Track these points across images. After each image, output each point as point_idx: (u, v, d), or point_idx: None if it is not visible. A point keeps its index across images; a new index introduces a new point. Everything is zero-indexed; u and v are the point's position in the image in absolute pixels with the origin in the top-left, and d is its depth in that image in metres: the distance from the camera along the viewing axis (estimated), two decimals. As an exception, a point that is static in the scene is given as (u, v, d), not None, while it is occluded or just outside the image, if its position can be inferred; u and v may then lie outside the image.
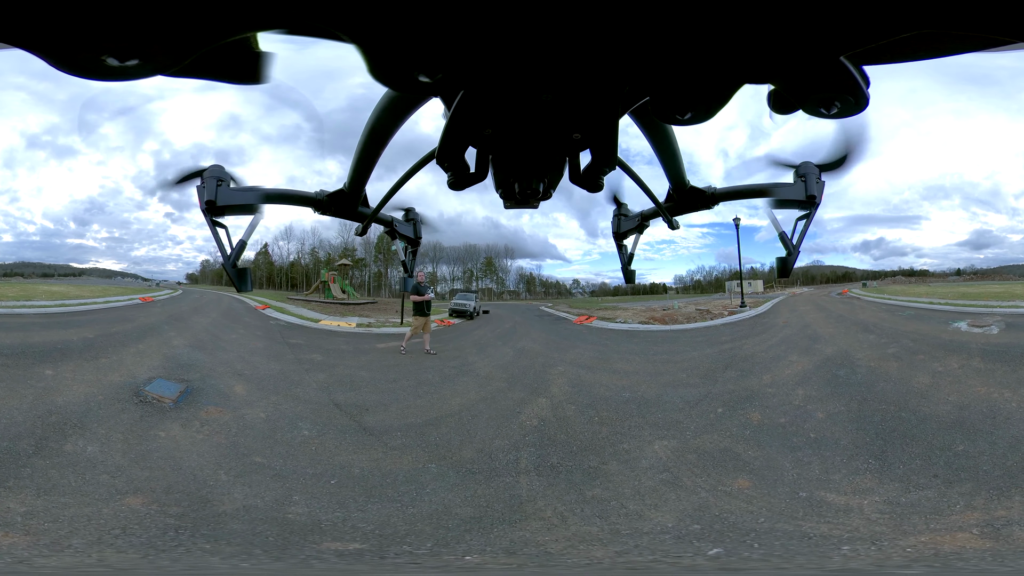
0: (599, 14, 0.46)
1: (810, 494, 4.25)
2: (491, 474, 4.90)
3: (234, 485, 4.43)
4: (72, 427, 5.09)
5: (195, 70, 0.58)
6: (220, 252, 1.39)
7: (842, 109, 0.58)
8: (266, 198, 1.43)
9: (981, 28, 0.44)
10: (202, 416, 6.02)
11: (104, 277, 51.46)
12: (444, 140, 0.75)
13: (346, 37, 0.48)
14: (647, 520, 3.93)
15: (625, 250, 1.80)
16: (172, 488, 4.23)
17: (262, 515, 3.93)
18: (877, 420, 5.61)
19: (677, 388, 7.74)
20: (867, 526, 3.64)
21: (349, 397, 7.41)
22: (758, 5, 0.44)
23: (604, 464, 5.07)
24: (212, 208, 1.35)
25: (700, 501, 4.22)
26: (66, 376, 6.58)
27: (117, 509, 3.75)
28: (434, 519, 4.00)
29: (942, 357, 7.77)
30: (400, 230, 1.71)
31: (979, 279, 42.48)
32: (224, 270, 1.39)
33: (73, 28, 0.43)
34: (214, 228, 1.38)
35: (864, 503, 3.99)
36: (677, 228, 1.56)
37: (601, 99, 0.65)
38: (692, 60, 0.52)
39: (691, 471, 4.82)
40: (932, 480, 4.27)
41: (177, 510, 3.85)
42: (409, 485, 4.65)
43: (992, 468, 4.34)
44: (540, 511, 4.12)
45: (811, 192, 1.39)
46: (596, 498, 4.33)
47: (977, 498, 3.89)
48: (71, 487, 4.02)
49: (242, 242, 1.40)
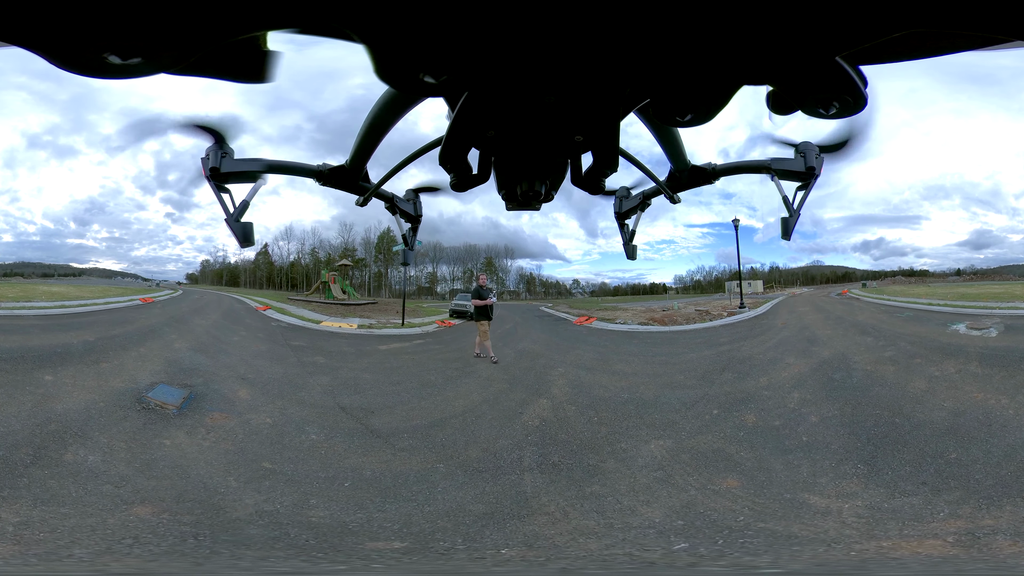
0: (602, 17, 0.47)
1: (794, 496, 4.31)
2: (497, 472, 5.01)
3: (245, 491, 4.46)
4: (72, 435, 5.04)
5: (199, 68, 0.57)
6: (223, 210, 1.40)
7: (840, 109, 0.59)
8: (269, 168, 1.44)
9: (973, 27, 0.44)
10: (207, 422, 6.00)
11: (104, 277, 51.46)
12: (447, 141, 0.76)
13: (355, 36, 0.48)
14: (638, 515, 4.06)
15: (627, 228, 1.78)
16: (183, 496, 4.23)
17: (284, 519, 4.00)
18: (870, 425, 5.62)
19: (674, 390, 7.82)
20: (837, 529, 3.69)
21: (354, 400, 7.46)
22: (754, 7, 0.45)
23: (602, 462, 5.19)
24: (216, 174, 1.39)
25: (688, 498, 4.34)
26: (66, 382, 6.54)
27: (124, 519, 3.73)
28: (452, 516, 4.12)
29: (939, 361, 7.74)
30: (401, 206, 1.70)
31: (979, 279, 42.52)
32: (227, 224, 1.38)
33: (74, 26, 0.43)
34: (218, 192, 1.40)
35: (844, 507, 4.03)
36: (679, 202, 1.55)
37: (603, 101, 0.66)
38: (692, 62, 0.53)
39: (684, 470, 4.94)
40: (920, 487, 4.27)
41: (190, 518, 3.86)
42: (422, 485, 4.75)
43: (985, 477, 4.29)
44: (544, 506, 4.26)
45: (810, 165, 1.42)
46: (594, 494, 4.47)
47: (964, 507, 3.88)
48: (71, 497, 3.97)
49: (245, 202, 1.41)
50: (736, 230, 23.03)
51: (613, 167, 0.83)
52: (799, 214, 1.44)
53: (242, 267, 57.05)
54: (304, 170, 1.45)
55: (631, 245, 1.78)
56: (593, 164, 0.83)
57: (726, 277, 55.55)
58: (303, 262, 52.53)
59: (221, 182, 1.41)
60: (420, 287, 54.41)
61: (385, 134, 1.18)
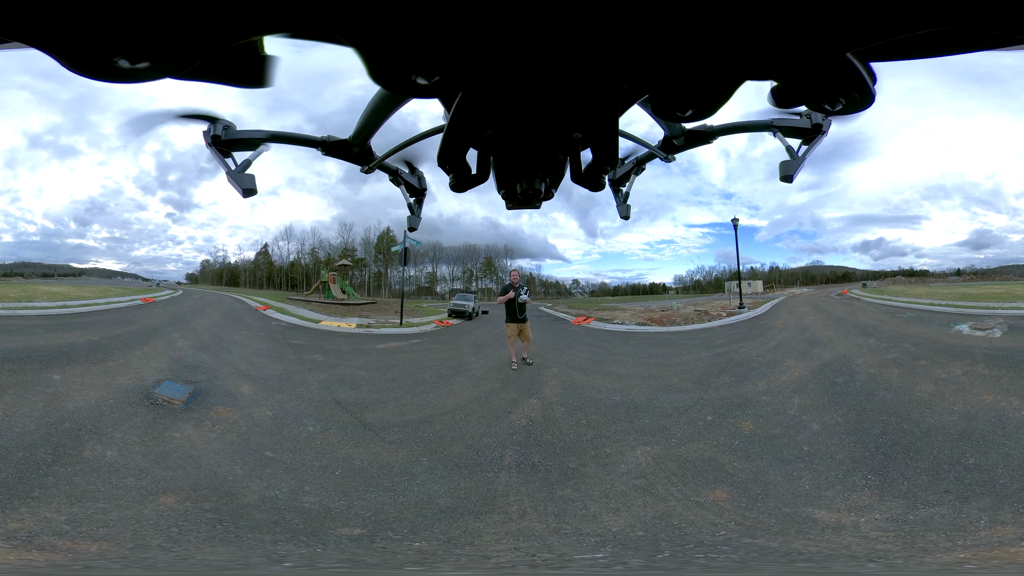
0: (596, 12, 0.46)
1: (795, 510, 4.08)
2: (475, 469, 5.05)
3: (251, 479, 4.62)
4: (87, 432, 5.13)
5: (202, 73, 0.58)
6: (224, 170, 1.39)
7: (847, 106, 0.58)
8: (271, 137, 1.44)
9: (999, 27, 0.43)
10: (212, 416, 6.16)
11: (104, 277, 51.53)
12: (445, 142, 0.75)
13: (344, 41, 0.48)
14: (597, 522, 3.93)
15: (621, 192, 1.74)
16: (199, 485, 4.36)
17: (283, 504, 4.14)
18: (877, 432, 5.37)
19: (668, 393, 7.68)
20: (862, 544, 3.47)
21: (350, 395, 7.58)
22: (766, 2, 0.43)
23: (583, 466, 5.10)
24: (217, 141, 1.40)
25: (665, 509, 4.15)
26: (74, 380, 6.63)
27: (157, 509, 3.83)
28: (417, 508, 4.20)
29: (945, 363, 7.53)
30: (406, 179, 1.69)
31: (979, 279, 42.44)
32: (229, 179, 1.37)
33: (87, 30, 0.44)
34: (220, 157, 1.40)
35: (860, 520, 3.79)
36: (673, 160, 1.49)
37: (600, 98, 0.64)
38: (693, 57, 0.51)
39: (667, 479, 4.77)
40: (943, 496, 4.04)
41: (209, 505, 3.98)
42: (402, 476, 4.86)
43: (1010, 481, 4.11)
44: (507, 505, 4.25)
45: (816, 123, 1.35)
46: (563, 497, 4.39)
47: (1002, 512, 3.69)
48: (101, 492, 4.04)
49: (247, 161, 1.41)
50: (736, 230, 23.03)
51: (613, 163, 0.81)
52: (803, 159, 1.35)
53: (242, 267, 57.19)
54: (306, 140, 1.45)
55: (625, 206, 1.73)
56: (593, 161, 0.82)
57: (726, 277, 55.55)
58: (303, 262, 52.64)
59: (223, 148, 1.41)
60: (420, 287, 54.49)
61: (391, 114, 1.17)
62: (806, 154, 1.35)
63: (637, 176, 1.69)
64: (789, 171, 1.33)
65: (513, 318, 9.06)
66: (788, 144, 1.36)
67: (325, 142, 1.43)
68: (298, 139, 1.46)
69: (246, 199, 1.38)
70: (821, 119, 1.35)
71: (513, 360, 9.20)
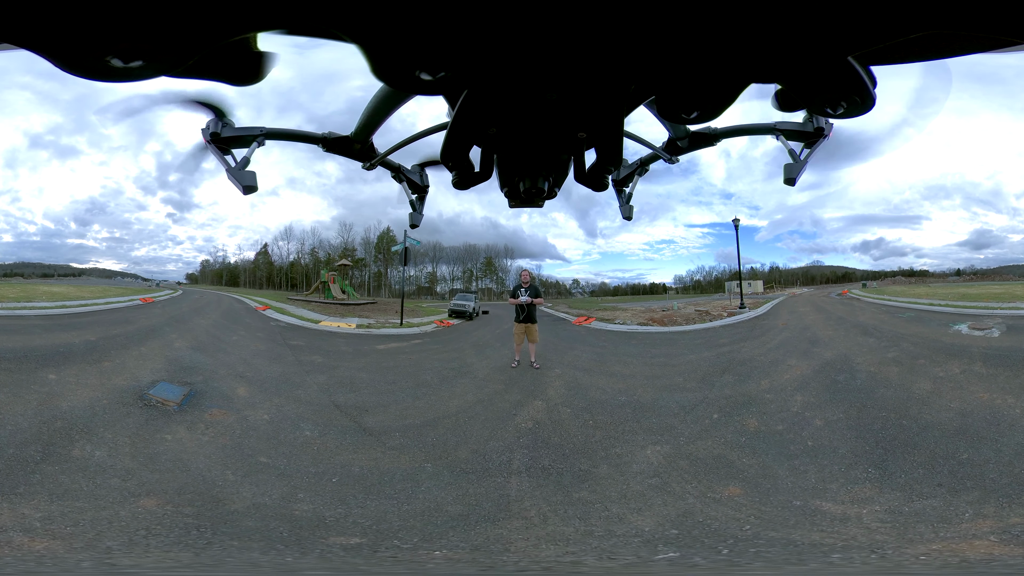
0: (604, 12, 0.45)
1: (805, 503, 4.19)
2: (484, 474, 4.97)
3: (242, 484, 4.52)
4: (79, 432, 5.11)
5: (197, 71, 0.58)
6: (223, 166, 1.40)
7: (848, 109, 0.59)
8: (270, 134, 1.44)
9: (991, 29, 0.44)
10: (207, 419, 6.08)
11: (104, 277, 51.49)
12: (448, 139, 0.74)
13: (346, 37, 0.47)
14: (626, 523, 3.94)
15: (624, 193, 1.76)
16: (184, 489, 4.28)
17: (272, 512, 4.03)
18: (877, 428, 5.57)
19: (673, 392, 7.73)
20: (867, 535, 3.58)
21: (349, 398, 7.49)
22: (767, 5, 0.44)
23: (595, 467, 5.09)
24: (216, 139, 1.41)
25: (686, 507, 4.21)
26: (69, 380, 6.61)
27: (134, 511, 3.79)
28: (424, 515, 4.08)
29: (943, 362, 7.69)
30: (408, 175, 1.69)
31: (979, 279, 42.47)
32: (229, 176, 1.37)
33: (78, 30, 0.44)
34: (219, 154, 1.41)
35: (863, 512, 3.93)
36: (677, 162, 1.53)
37: (606, 98, 0.64)
38: (699, 60, 0.52)
39: (681, 477, 4.82)
40: (936, 489, 4.20)
41: (191, 510, 3.91)
42: (406, 483, 4.73)
43: (999, 476, 4.25)
44: (525, 511, 4.17)
45: (819, 126, 1.40)
46: (581, 500, 4.36)
47: (987, 506, 3.83)
48: (83, 491, 4.03)
49: (245, 158, 1.42)
50: (736, 230, 23.01)
51: (617, 164, 0.81)
52: (806, 163, 1.41)
53: (242, 267, 57.12)
54: (306, 136, 1.45)
55: (628, 206, 1.76)
56: (597, 161, 0.81)
57: (726, 277, 55.50)
58: (303, 262, 52.58)
59: (222, 145, 1.42)
60: (420, 287, 54.45)
61: (393, 111, 1.17)
62: (808, 157, 1.39)
63: (640, 177, 1.71)
64: (792, 174, 1.38)
65: (517, 318, 9.28)
66: (791, 147, 1.42)
67: (326, 139, 1.43)
68: (299, 136, 1.46)
69: (247, 196, 1.39)
70: (823, 123, 1.40)
71: (516, 359, 9.38)
